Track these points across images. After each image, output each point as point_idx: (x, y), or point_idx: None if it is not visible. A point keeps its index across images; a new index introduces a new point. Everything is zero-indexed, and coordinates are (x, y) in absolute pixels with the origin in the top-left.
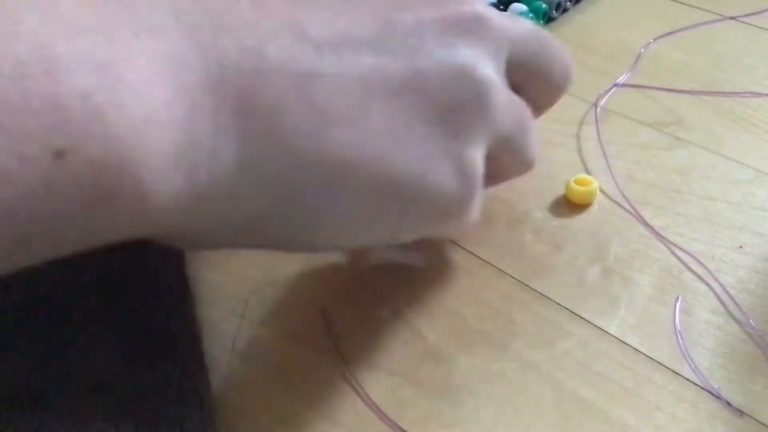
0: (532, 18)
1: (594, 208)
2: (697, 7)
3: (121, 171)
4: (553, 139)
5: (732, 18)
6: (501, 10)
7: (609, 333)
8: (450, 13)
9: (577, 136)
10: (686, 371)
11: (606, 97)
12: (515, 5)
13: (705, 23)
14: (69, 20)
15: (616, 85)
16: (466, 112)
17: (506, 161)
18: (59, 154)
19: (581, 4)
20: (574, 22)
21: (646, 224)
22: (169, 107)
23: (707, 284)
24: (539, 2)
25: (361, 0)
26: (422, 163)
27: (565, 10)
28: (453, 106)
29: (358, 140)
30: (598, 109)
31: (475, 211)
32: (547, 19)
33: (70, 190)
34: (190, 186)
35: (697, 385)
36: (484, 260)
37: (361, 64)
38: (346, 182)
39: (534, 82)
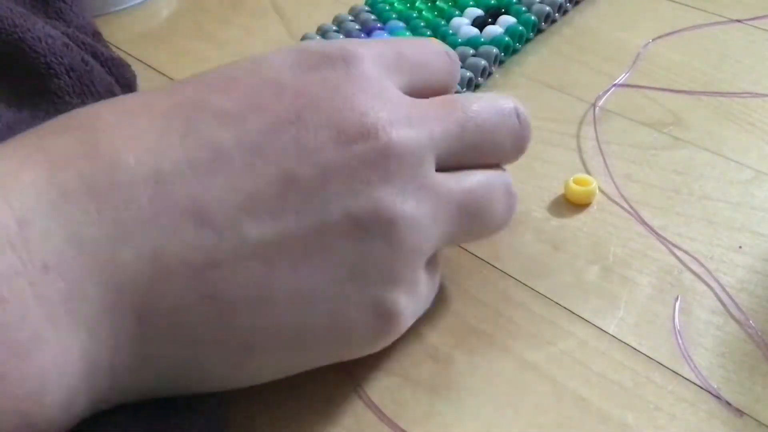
0: (521, 31)
1: (593, 208)
2: (696, 8)
3: (21, 421)
4: (552, 139)
5: (731, 20)
6: (490, 23)
7: (608, 333)
8: (357, 155)
9: (577, 136)
10: (686, 371)
11: (605, 97)
12: (503, 17)
13: (704, 24)
14: None
15: (615, 85)
16: (378, 262)
17: (471, 239)
18: None
19: (580, 5)
20: (573, 22)
21: (645, 224)
22: (66, 352)
23: (706, 284)
24: (528, 15)
25: (260, 151)
26: (336, 318)
27: (565, 12)
28: (363, 259)
29: (263, 323)
30: (597, 109)
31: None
32: (537, 30)
33: None
34: (88, 401)
35: (696, 384)
36: (483, 260)
37: (263, 233)
38: (254, 355)
39: (485, 159)
